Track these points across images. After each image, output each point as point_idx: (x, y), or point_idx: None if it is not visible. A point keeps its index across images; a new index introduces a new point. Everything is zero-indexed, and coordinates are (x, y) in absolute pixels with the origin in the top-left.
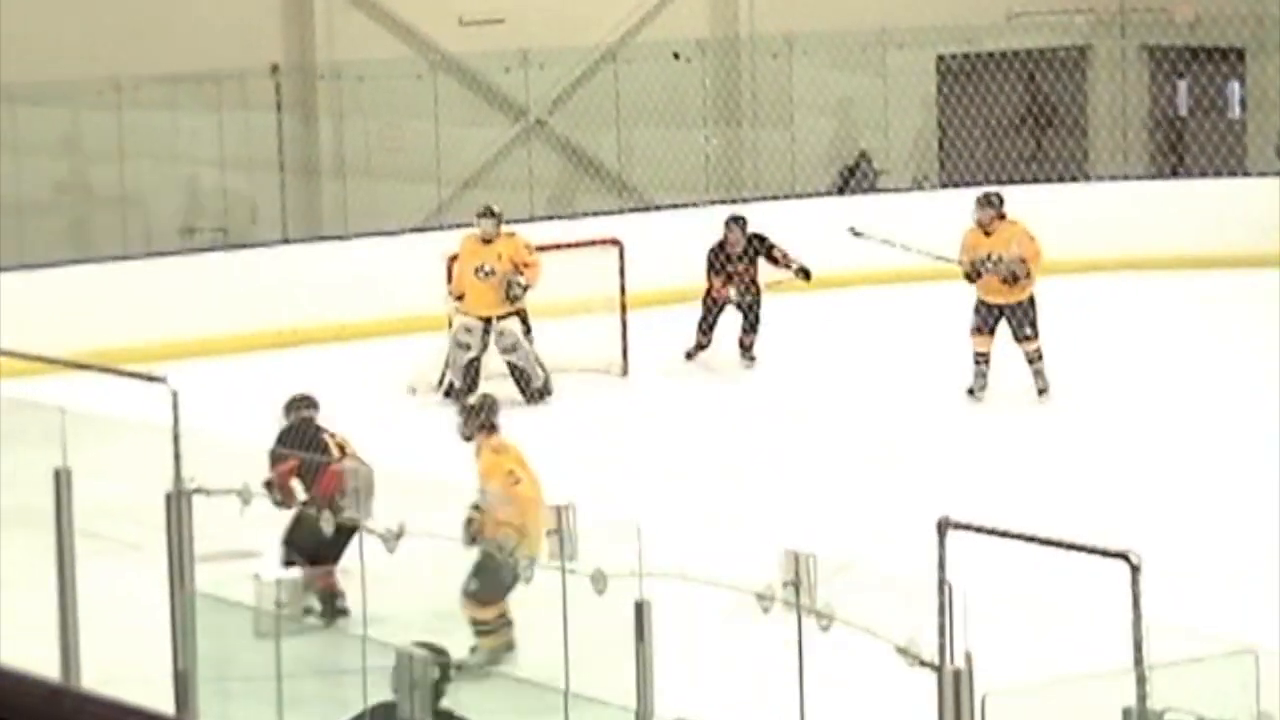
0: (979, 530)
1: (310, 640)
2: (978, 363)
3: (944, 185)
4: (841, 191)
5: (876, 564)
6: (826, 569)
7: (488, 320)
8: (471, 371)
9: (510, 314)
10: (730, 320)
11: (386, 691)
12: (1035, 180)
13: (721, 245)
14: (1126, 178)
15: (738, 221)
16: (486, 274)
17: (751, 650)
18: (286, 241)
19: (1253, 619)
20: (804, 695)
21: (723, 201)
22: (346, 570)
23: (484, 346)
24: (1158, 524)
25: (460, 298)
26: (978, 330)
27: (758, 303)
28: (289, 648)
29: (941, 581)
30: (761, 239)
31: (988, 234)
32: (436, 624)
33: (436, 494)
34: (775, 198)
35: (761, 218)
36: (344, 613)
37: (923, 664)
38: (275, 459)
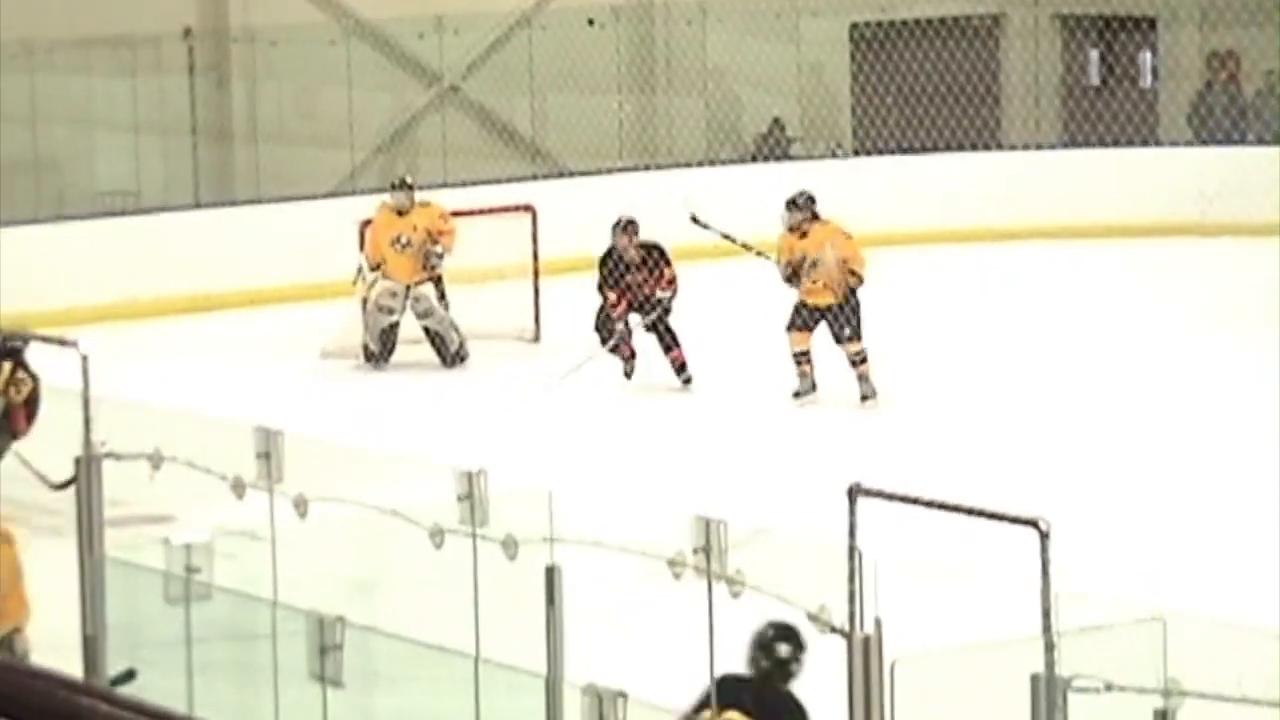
0: (889, 497)
1: (221, 606)
2: (798, 363)
3: (857, 153)
4: (755, 159)
5: (788, 530)
6: (737, 535)
7: (407, 286)
8: (390, 337)
9: (424, 280)
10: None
11: (301, 656)
12: (948, 149)
13: (612, 252)
14: (1039, 147)
15: (626, 228)
16: (403, 245)
17: (663, 616)
18: (199, 206)
19: (1162, 586)
20: (714, 662)
21: (636, 168)
22: None
23: (403, 311)
24: (1068, 491)
25: (376, 268)
26: (793, 327)
27: (666, 314)
28: (199, 613)
29: (851, 548)
30: (659, 250)
31: (802, 236)
32: (349, 591)
33: (351, 460)
34: (689, 165)
35: (675, 184)
36: None
37: (833, 630)
38: None
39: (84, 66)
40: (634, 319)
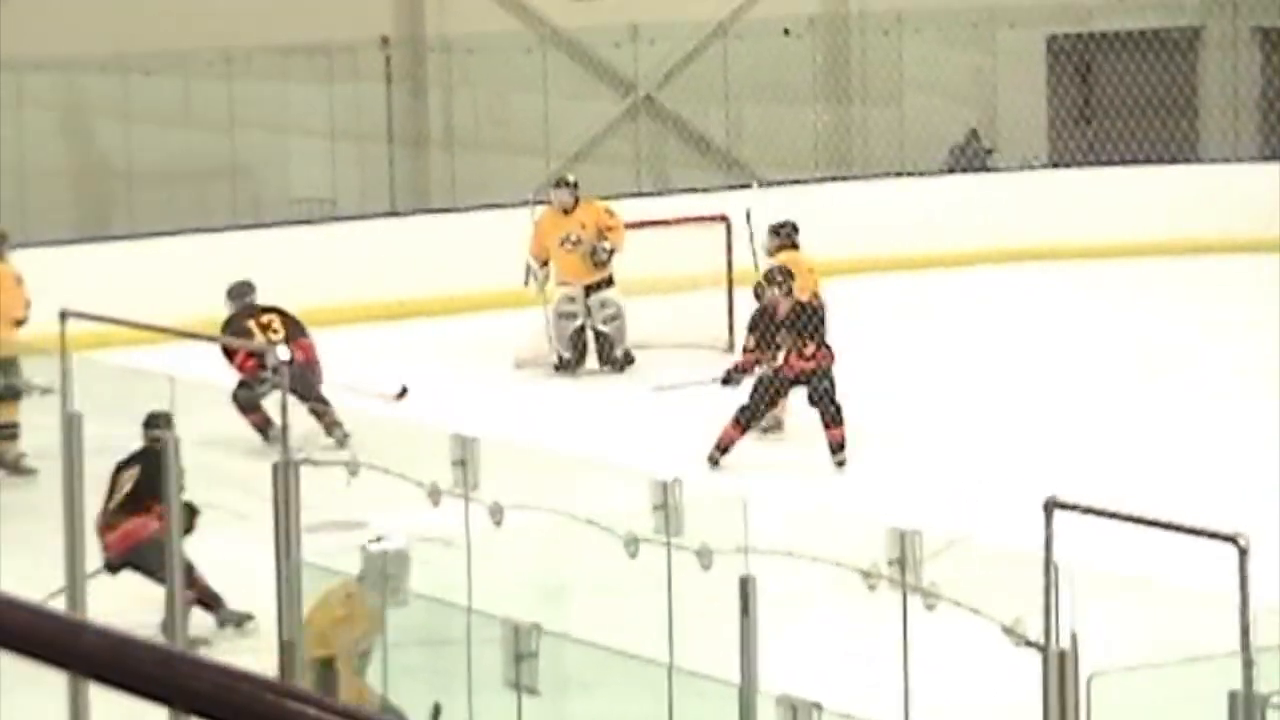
0: (1086, 511)
1: (416, 611)
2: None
3: (1054, 165)
4: (952, 170)
5: (982, 542)
6: (932, 547)
7: (586, 288)
8: (579, 340)
9: (606, 281)
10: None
11: (496, 663)
12: (1146, 161)
13: (765, 309)
14: (1238, 160)
15: (778, 281)
16: (573, 244)
17: (857, 628)
18: (395, 214)
19: None
20: (909, 673)
21: (832, 179)
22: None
23: (587, 313)
24: (1263, 506)
25: (545, 264)
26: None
27: (827, 379)
28: (395, 618)
29: (1048, 561)
30: (814, 316)
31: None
32: (544, 598)
33: (547, 467)
34: (885, 175)
35: (872, 195)
36: None
37: (1028, 644)
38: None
39: (281, 74)
40: (799, 391)
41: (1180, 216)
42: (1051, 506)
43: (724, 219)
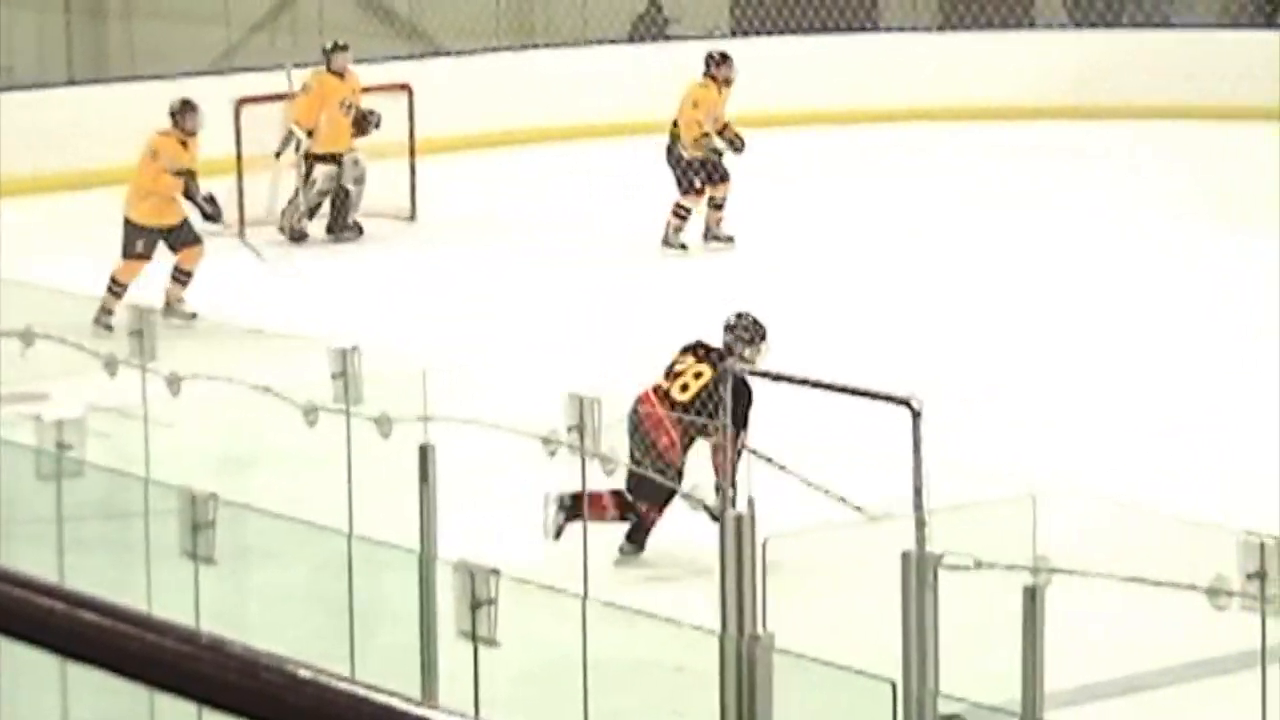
0: (763, 375)
1: (93, 483)
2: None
3: (734, 34)
4: (631, 39)
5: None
6: (611, 414)
7: (336, 156)
8: (317, 212)
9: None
10: None
11: (173, 533)
12: (825, 30)
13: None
14: (915, 29)
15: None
16: (349, 109)
17: (537, 494)
18: (73, 82)
19: (1034, 463)
20: (588, 539)
21: (512, 48)
22: None
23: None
24: (942, 367)
25: (311, 133)
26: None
27: None
28: (71, 490)
29: (724, 427)
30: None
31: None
32: (223, 468)
33: (225, 337)
34: (566, 44)
35: (554, 64)
36: None
37: (705, 509)
38: None
39: None
40: None
41: (859, 84)
42: (727, 372)
43: (407, 89)
